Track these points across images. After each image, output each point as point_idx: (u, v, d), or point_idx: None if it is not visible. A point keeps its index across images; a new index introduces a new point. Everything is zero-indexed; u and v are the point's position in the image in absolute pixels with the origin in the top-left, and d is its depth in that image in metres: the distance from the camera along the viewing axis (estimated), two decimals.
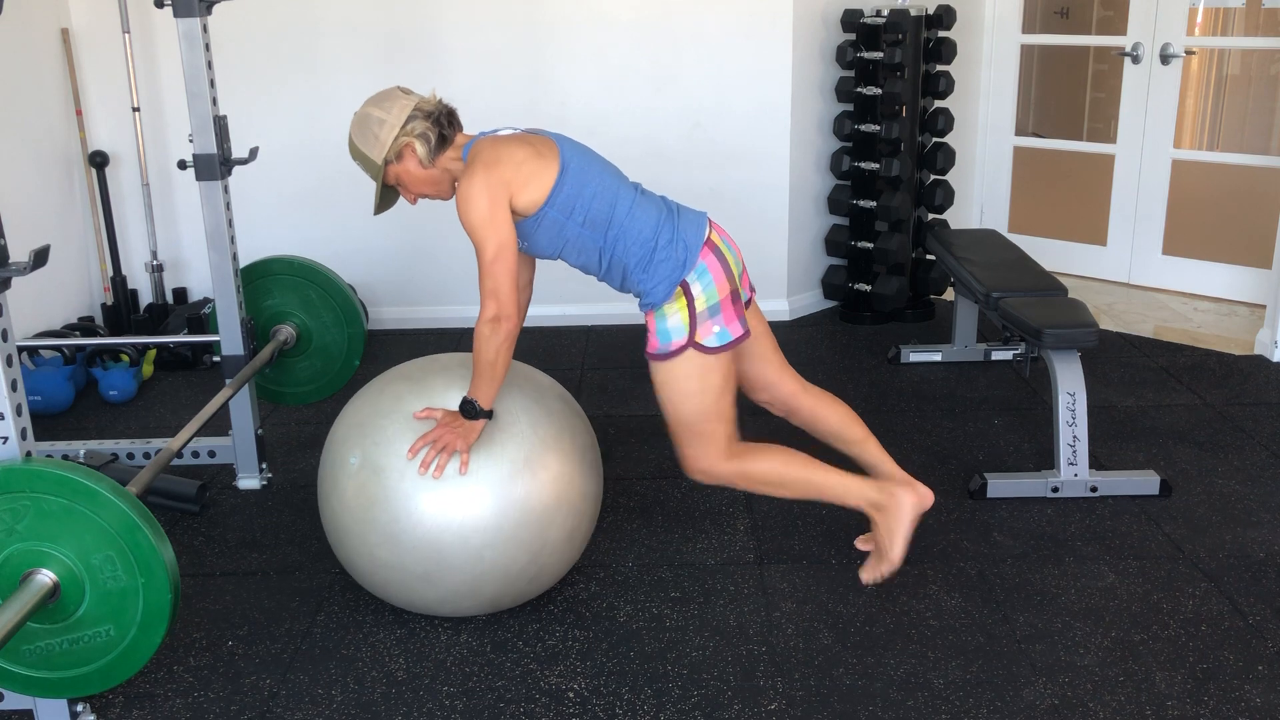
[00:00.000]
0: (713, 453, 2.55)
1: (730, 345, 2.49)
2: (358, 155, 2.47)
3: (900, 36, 4.44)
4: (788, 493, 2.64)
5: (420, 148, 2.43)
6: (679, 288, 2.46)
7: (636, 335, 2.62)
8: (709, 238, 2.50)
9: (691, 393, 2.50)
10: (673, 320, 2.47)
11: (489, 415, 2.43)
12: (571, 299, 4.54)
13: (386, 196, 2.55)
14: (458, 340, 4.60)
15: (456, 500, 2.39)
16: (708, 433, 2.53)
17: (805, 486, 2.62)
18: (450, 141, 2.48)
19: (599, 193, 2.46)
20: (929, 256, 4.77)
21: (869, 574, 2.67)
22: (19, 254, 1.93)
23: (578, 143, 2.55)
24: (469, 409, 2.40)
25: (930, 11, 4.54)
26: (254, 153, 3.07)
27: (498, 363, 2.39)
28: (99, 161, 4.50)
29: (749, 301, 2.61)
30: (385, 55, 4.50)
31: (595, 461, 2.66)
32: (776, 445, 2.65)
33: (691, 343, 2.46)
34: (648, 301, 2.50)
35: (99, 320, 4.60)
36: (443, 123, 2.46)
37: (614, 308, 4.56)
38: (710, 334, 2.47)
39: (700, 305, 2.46)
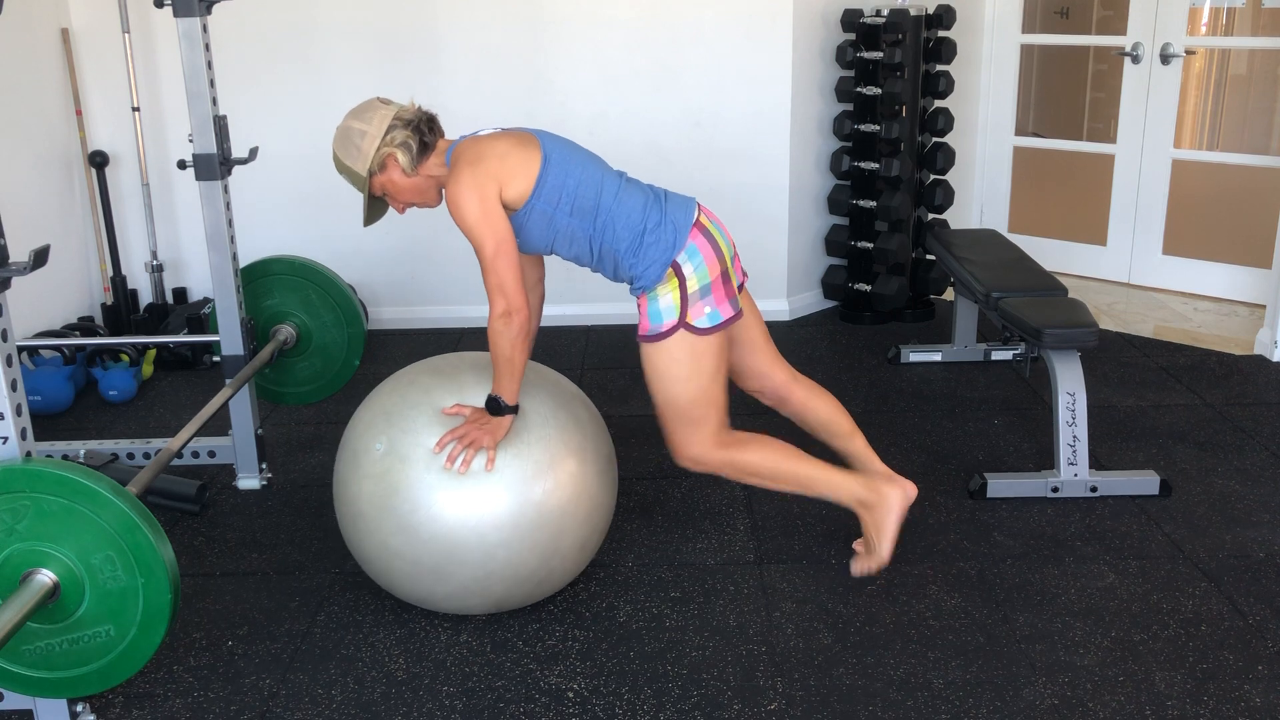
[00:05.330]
0: (703, 439, 2.55)
1: (721, 326, 2.50)
2: (343, 169, 2.48)
3: (900, 36, 4.44)
4: (775, 484, 2.65)
5: (402, 157, 2.44)
6: (670, 269, 2.47)
7: (636, 334, 2.62)
8: (697, 219, 2.52)
9: (682, 376, 2.50)
10: (664, 301, 2.48)
11: (515, 410, 2.44)
12: (571, 299, 4.54)
13: (375, 208, 2.56)
14: (458, 340, 4.60)
15: (476, 496, 2.40)
16: (698, 418, 2.53)
17: (794, 479, 2.63)
18: (432, 148, 2.49)
19: (583, 180, 2.48)
20: (929, 256, 4.76)
21: (859, 566, 2.72)
22: (19, 254, 1.93)
23: (558, 135, 2.56)
24: (494, 405, 2.42)
25: (930, 11, 4.54)
26: (254, 153, 3.08)
27: (515, 358, 2.40)
28: (99, 161, 4.50)
29: (741, 286, 2.61)
30: (385, 55, 4.50)
31: (612, 473, 2.66)
32: (767, 437, 2.66)
33: (682, 323, 2.47)
34: (640, 285, 2.51)
35: (99, 320, 4.60)
36: (423, 130, 2.46)
37: (614, 308, 4.56)
38: (701, 315, 2.48)
39: (692, 286, 2.47)
